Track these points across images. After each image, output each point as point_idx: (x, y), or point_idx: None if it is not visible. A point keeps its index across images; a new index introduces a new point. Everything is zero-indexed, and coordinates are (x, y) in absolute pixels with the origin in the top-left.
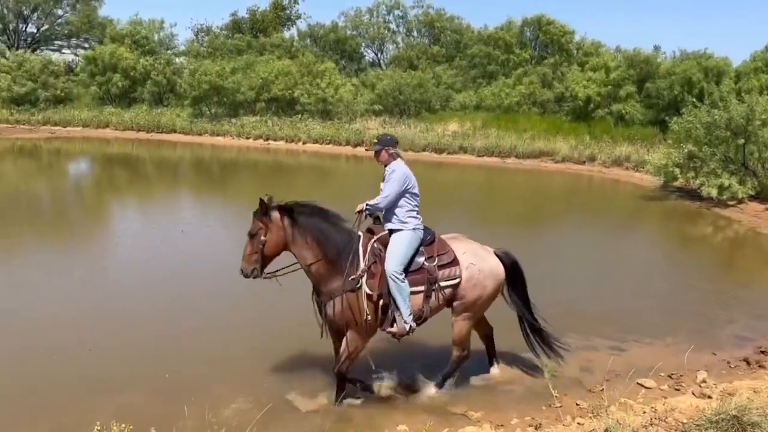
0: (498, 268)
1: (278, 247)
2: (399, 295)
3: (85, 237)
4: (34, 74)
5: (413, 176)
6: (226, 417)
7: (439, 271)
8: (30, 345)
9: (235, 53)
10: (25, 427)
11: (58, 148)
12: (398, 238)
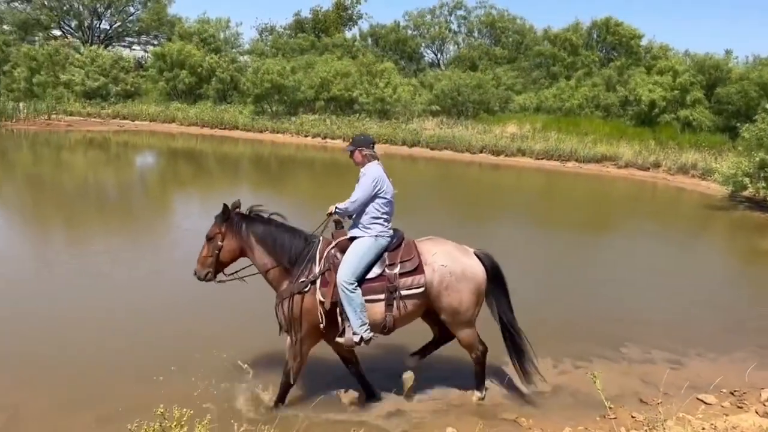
0: (474, 269)
1: (233, 253)
2: (348, 305)
3: (151, 229)
4: (106, 69)
5: (387, 180)
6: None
7: (400, 279)
8: (101, 336)
9: (297, 52)
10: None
11: (126, 140)
12: (356, 245)
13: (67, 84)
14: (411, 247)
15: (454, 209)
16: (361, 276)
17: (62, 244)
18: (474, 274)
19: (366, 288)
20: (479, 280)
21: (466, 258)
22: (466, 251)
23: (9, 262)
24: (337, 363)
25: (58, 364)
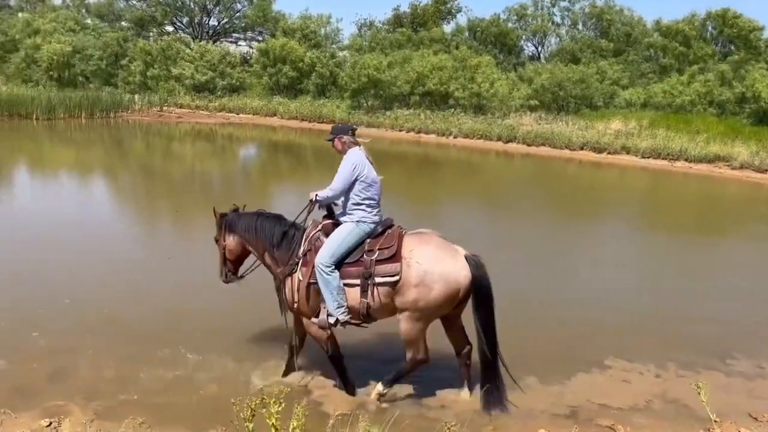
0: (453, 273)
1: (236, 251)
2: (325, 287)
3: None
4: (214, 64)
5: (368, 165)
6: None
7: (376, 265)
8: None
9: (394, 47)
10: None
11: (231, 133)
12: (338, 229)
13: (178, 78)
14: (393, 236)
15: (549, 208)
16: (341, 260)
17: (168, 227)
18: (450, 279)
19: (344, 272)
20: (457, 285)
21: (448, 259)
22: (453, 252)
23: (122, 243)
24: (435, 361)
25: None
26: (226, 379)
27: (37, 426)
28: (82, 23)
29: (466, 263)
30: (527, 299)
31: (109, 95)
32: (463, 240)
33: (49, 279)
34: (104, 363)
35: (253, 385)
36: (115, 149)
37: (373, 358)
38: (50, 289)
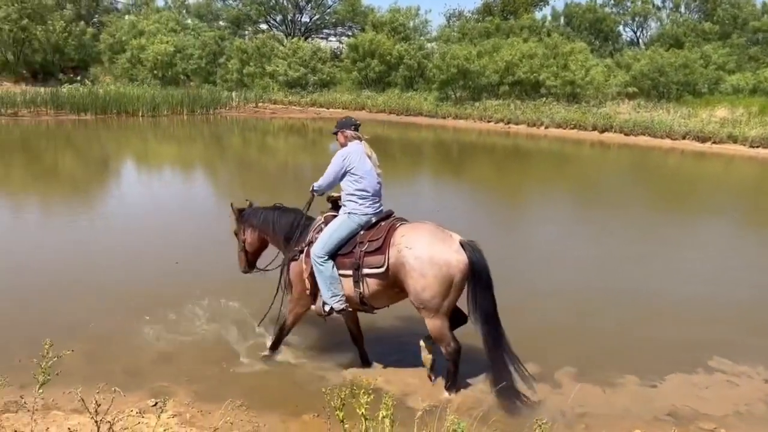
0: (444, 256)
1: (255, 243)
2: (319, 276)
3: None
4: (306, 60)
5: (362, 158)
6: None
7: (364, 257)
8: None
9: (483, 37)
10: None
11: (321, 127)
12: (332, 222)
13: (272, 74)
14: (382, 228)
15: (650, 202)
16: (334, 250)
17: None
18: (446, 262)
19: (339, 262)
20: (452, 270)
21: (441, 244)
22: (446, 238)
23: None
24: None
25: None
26: (320, 368)
27: (144, 405)
28: (183, 24)
29: (459, 248)
30: (636, 296)
31: (208, 92)
32: (558, 237)
33: (157, 267)
34: (207, 348)
35: (341, 374)
36: (214, 144)
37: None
38: (159, 276)
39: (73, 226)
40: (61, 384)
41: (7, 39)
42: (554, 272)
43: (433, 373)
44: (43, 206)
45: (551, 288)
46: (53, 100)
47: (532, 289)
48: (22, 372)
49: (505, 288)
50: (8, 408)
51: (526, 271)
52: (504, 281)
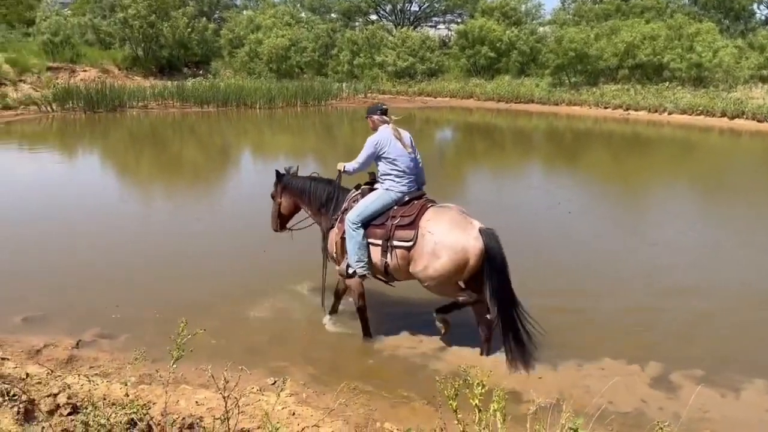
0: (460, 242)
1: (289, 207)
2: (349, 240)
3: (440, 197)
4: (414, 49)
5: (393, 141)
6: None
7: (395, 230)
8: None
9: (601, 19)
10: None
11: (428, 116)
12: (370, 194)
13: (381, 65)
14: (415, 206)
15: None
16: (368, 220)
17: None
18: (458, 248)
19: (370, 232)
20: (464, 255)
21: (459, 230)
22: (466, 224)
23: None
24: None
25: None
26: (428, 356)
27: (264, 383)
28: (297, 17)
29: (478, 234)
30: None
31: (320, 84)
32: (680, 236)
33: (271, 252)
34: (318, 330)
35: (448, 363)
36: (325, 134)
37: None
38: (274, 260)
39: (196, 213)
40: (189, 360)
41: (138, 36)
42: (679, 269)
43: (447, 339)
44: (168, 193)
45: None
46: (179, 93)
47: (655, 288)
48: (154, 348)
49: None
50: (143, 380)
51: (647, 268)
52: (631, 280)
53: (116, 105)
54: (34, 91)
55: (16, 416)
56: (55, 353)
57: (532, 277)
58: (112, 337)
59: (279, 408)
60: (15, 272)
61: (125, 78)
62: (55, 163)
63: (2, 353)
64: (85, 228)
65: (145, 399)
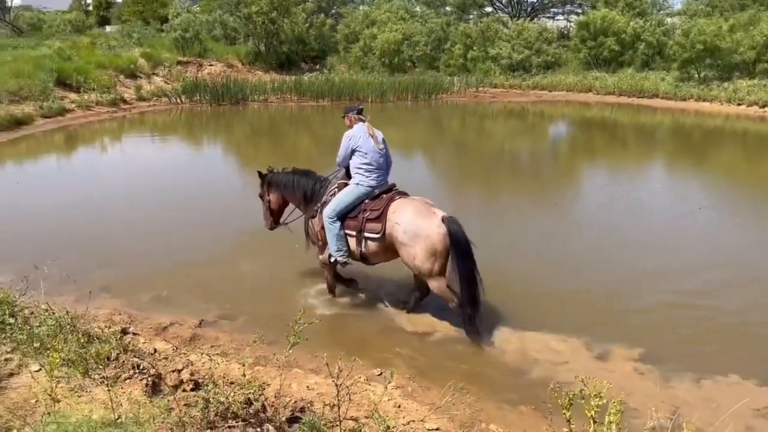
0: (426, 230)
1: (278, 202)
2: (328, 233)
3: (558, 195)
4: (530, 42)
5: (363, 138)
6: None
7: (366, 223)
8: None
9: (737, 9)
10: None
11: (542, 110)
12: (343, 189)
13: (495, 58)
14: (383, 200)
15: None
16: (343, 213)
17: (477, 198)
18: (427, 235)
19: (346, 224)
20: (432, 241)
21: (422, 219)
22: (429, 214)
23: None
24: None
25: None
26: (535, 360)
27: (370, 374)
28: (412, 11)
29: (440, 222)
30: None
31: (431, 78)
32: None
33: None
34: (421, 323)
35: (560, 369)
36: (434, 128)
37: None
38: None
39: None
40: (301, 345)
41: (260, 32)
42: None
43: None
44: None
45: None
46: (296, 88)
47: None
48: (270, 332)
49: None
50: (258, 361)
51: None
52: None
53: (239, 98)
54: (165, 83)
55: (145, 388)
56: (180, 331)
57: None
58: (232, 319)
59: (385, 399)
60: (146, 252)
61: (247, 72)
62: (186, 152)
63: (134, 329)
64: (208, 215)
65: (260, 380)
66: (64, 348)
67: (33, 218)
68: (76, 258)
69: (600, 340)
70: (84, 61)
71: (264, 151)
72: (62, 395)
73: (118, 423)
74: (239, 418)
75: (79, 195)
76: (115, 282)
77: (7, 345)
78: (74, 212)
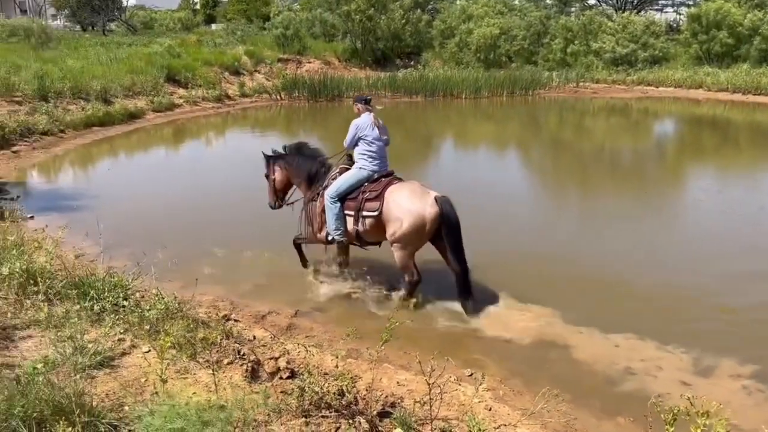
0: (417, 208)
1: (283, 182)
2: (328, 212)
3: (660, 194)
4: (636, 35)
5: (370, 126)
6: None
7: (365, 203)
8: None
9: None
10: None
11: (647, 107)
12: (346, 173)
13: (597, 52)
14: (382, 183)
15: None
16: (343, 195)
17: (573, 197)
18: (418, 213)
19: (346, 205)
20: (423, 219)
21: (416, 198)
22: (423, 194)
23: (528, 206)
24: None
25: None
26: (634, 369)
27: (461, 374)
28: (510, 5)
29: (433, 201)
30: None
31: (528, 73)
32: None
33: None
34: (515, 327)
35: (657, 380)
36: (530, 124)
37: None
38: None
39: None
40: (391, 342)
41: (357, 29)
42: None
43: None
44: None
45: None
46: (390, 84)
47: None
48: (361, 325)
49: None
50: (350, 354)
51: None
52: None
53: (335, 95)
54: (266, 80)
55: (245, 374)
56: (277, 320)
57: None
58: (326, 311)
59: (476, 401)
60: (247, 240)
61: (344, 69)
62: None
63: (235, 315)
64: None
65: (352, 372)
66: (173, 331)
67: (145, 207)
68: (183, 245)
69: (705, 352)
70: (192, 58)
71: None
72: (168, 376)
73: (223, 407)
74: (332, 408)
75: (186, 185)
76: (219, 269)
77: (120, 326)
78: (182, 202)
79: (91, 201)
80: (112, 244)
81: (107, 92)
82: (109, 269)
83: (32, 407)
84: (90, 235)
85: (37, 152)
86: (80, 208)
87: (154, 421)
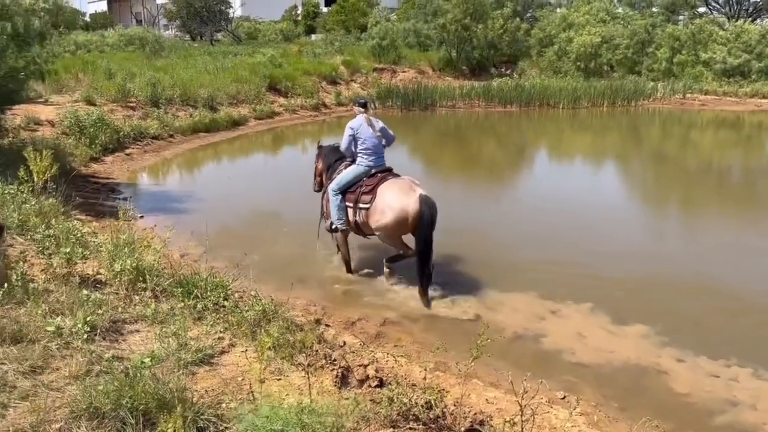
0: (399, 203)
1: (320, 171)
2: (331, 204)
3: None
4: (751, 45)
5: (363, 126)
6: None
7: (361, 195)
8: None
9: None
10: None
11: (761, 121)
12: (347, 168)
13: (707, 62)
14: (378, 177)
15: None
16: (344, 188)
17: (676, 216)
18: (401, 207)
19: (346, 197)
20: (404, 213)
21: (402, 194)
22: (409, 190)
23: (631, 226)
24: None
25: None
26: (743, 402)
27: (553, 396)
28: (613, 13)
29: (417, 198)
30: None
31: (631, 83)
32: None
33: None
34: (609, 349)
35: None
36: (631, 136)
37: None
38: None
39: (492, 206)
40: (481, 358)
41: (453, 38)
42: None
43: (392, 282)
44: (465, 186)
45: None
46: (485, 93)
47: None
48: (448, 338)
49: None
50: (438, 367)
51: None
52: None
53: (428, 104)
54: (362, 89)
55: (335, 379)
56: (366, 327)
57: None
58: (414, 321)
59: (568, 425)
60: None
61: (438, 79)
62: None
63: (326, 320)
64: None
65: (440, 386)
66: (272, 333)
67: (246, 210)
68: (278, 248)
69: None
70: (292, 68)
71: (448, 153)
72: (264, 377)
73: (317, 411)
74: (420, 421)
75: (287, 190)
76: (311, 272)
77: (220, 325)
78: (283, 206)
79: (196, 203)
80: (214, 245)
81: (213, 100)
82: (211, 269)
83: (139, 399)
84: (194, 235)
85: (148, 155)
86: (186, 210)
87: (257, 421)
